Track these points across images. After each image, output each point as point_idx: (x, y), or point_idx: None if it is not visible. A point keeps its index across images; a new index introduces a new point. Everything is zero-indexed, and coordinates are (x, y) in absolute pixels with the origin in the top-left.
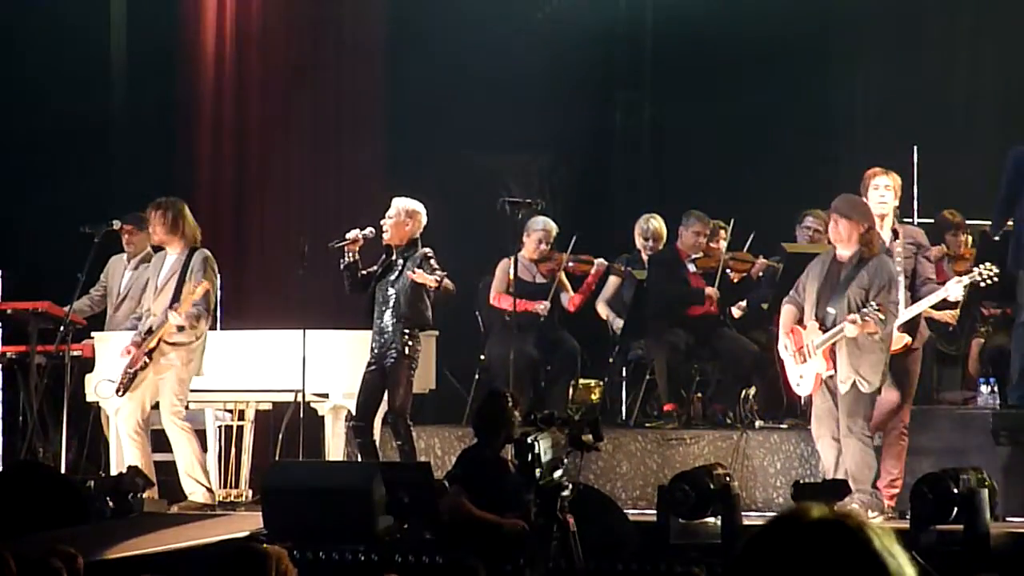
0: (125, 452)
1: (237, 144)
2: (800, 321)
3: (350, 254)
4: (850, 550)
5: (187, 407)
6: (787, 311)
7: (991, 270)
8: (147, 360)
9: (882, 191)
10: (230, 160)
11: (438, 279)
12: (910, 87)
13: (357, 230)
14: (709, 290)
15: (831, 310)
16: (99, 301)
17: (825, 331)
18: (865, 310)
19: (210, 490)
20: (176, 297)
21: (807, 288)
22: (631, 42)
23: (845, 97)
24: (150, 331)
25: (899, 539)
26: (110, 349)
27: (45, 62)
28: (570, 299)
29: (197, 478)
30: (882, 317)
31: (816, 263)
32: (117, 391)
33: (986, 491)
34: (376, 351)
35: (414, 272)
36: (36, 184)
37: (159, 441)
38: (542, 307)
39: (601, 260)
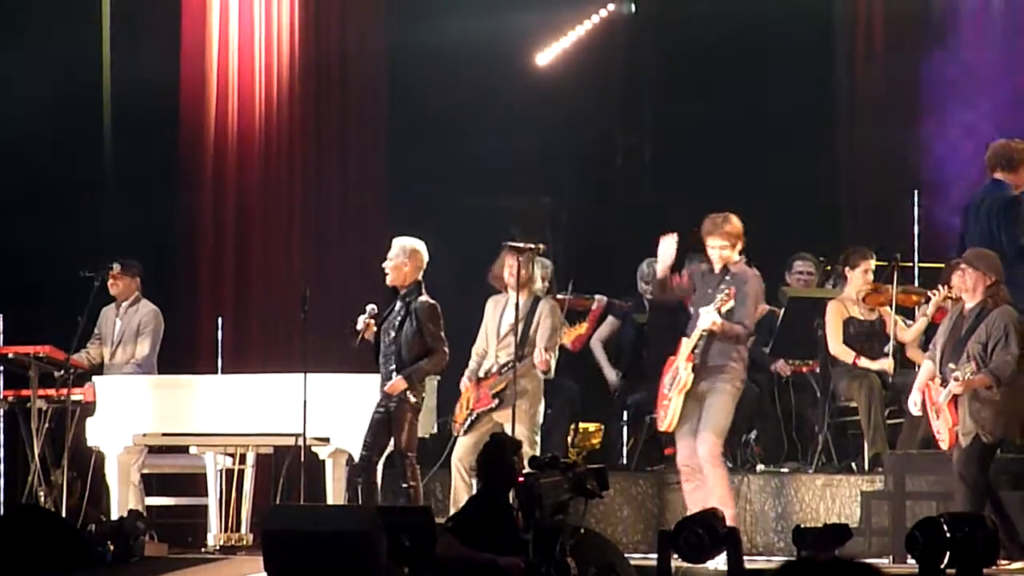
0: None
1: (239, 188)
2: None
3: (371, 337)
4: None
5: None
6: (926, 367)
7: None
8: (498, 402)
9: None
10: (232, 205)
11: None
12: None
13: (362, 316)
14: None
15: (951, 366)
16: (96, 352)
17: (944, 387)
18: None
19: None
20: (523, 342)
21: (937, 343)
22: (630, 85)
23: (846, 142)
24: (491, 372)
25: None
26: (112, 393)
27: (44, 108)
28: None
29: None
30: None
31: (947, 318)
32: (458, 431)
33: (980, 535)
34: (383, 394)
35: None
36: (36, 228)
37: (164, 484)
38: None
39: (601, 296)
